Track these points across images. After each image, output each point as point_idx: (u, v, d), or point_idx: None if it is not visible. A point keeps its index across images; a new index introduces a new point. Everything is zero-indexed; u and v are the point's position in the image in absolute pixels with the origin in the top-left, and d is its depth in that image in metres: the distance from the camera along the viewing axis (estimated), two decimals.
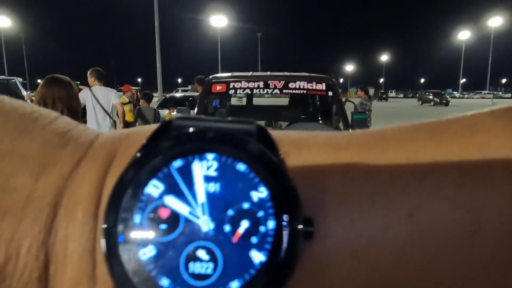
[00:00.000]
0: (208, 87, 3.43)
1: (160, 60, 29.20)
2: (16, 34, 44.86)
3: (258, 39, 61.96)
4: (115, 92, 4.66)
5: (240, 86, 3.38)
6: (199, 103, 3.38)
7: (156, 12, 26.75)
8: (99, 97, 4.52)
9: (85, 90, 4.75)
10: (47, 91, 1.76)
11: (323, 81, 3.43)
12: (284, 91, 3.37)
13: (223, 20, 49.88)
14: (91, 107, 4.53)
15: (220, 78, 3.48)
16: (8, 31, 42.54)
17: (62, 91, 1.78)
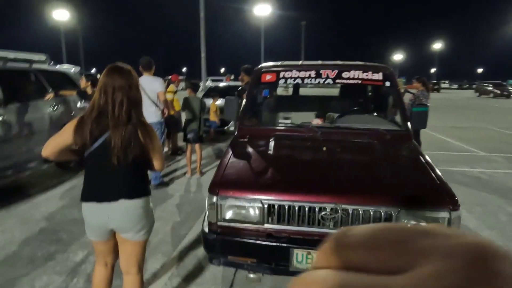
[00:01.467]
0: (257, 76, 3.34)
1: (204, 50, 29.58)
2: (74, 26, 47.49)
3: (303, 28, 60.54)
4: (160, 81, 4.75)
5: (291, 75, 3.25)
6: (248, 93, 3.31)
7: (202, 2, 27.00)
8: (145, 86, 4.64)
9: None
10: (107, 80, 1.77)
11: (380, 70, 3.20)
12: (337, 81, 3.19)
13: (267, 8, 49.25)
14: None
15: (269, 67, 3.37)
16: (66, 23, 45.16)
17: (122, 80, 1.77)
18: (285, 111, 3.46)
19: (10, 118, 4.44)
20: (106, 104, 1.75)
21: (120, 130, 1.73)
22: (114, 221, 1.83)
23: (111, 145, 1.73)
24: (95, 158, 1.79)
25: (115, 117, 1.74)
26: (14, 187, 4.76)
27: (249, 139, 2.94)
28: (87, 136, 1.74)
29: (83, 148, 1.78)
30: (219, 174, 2.33)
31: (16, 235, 3.44)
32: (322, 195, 2.05)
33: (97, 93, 1.80)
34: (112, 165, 1.76)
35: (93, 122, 1.75)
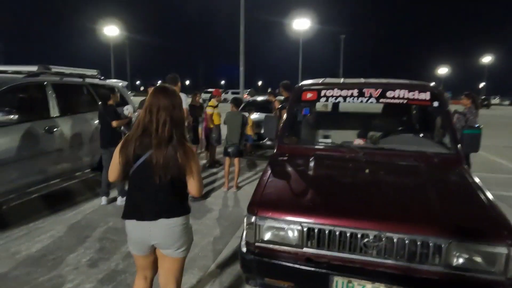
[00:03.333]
0: (298, 94, 3.32)
1: (243, 64, 30.08)
2: (122, 41, 50.43)
3: (341, 41, 59.88)
4: (184, 97, 4.84)
5: (332, 94, 3.21)
6: (288, 111, 3.30)
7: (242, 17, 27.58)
8: None
9: None
10: (153, 100, 1.85)
11: (428, 90, 3.06)
12: (381, 100, 3.10)
13: (306, 22, 49.43)
14: None
15: (310, 85, 3.35)
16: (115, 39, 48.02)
17: (166, 100, 1.84)
18: (325, 129, 3.41)
19: (64, 129, 4.76)
20: (151, 123, 1.82)
21: (162, 149, 1.78)
22: (155, 238, 1.87)
23: (152, 163, 1.78)
24: (137, 176, 1.85)
25: (158, 136, 1.79)
26: (62, 194, 5.05)
27: (289, 158, 2.91)
28: (131, 154, 1.81)
29: (127, 166, 1.84)
30: (258, 194, 2.32)
31: (63, 241, 3.63)
32: (365, 221, 1.97)
33: (143, 112, 1.88)
34: (152, 184, 1.81)
35: (137, 140, 1.82)
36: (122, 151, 1.84)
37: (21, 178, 4.14)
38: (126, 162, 1.83)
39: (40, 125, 4.43)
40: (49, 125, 4.53)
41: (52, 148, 4.56)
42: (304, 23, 49.32)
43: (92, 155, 5.33)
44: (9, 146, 3.97)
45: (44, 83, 4.69)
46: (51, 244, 3.55)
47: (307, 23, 49.34)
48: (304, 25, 49.41)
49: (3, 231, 3.83)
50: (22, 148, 4.10)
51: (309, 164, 2.69)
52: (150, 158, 1.79)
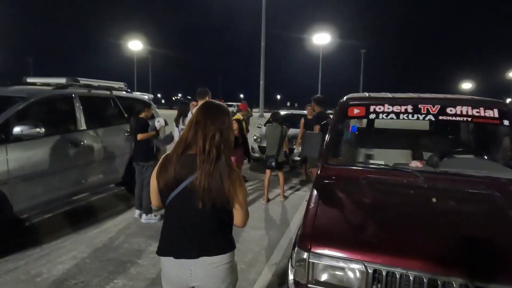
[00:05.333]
0: (344, 109, 3.02)
1: (263, 78, 30.06)
2: (145, 55, 51.81)
3: (362, 56, 59.40)
4: None
5: (383, 110, 2.89)
6: (333, 128, 2.99)
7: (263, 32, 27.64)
8: None
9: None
10: (202, 115, 1.60)
11: (495, 107, 2.71)
12: (440, 117, 2.76)
13: (326, 37, 49.29)
14: None
15: (357, 100, 3.05)
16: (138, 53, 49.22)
17: (216, 117, 1.59)
18: (372, 147, 3.08)
19: (91, 142, 4.62)
20: (196, 139, 1.55)
21: (208, 169, 1.51)
22: (196, 280, 1.58)
23: (195, 187, 1.51)
24: (176, 204, 1.57)
25: (205, 154, 1.52)
26: (85, 210, 4.87)
27: (336, 181, 2.59)
28: (170, 177, 1.54)
29: (166, 192, 1.57)
30: (309, 225, 2.01)
31: (86, 263, 3.40)
32: (450, 267, 1.62)
33: (188, 127, 1.62)
34: (193, 214, 1.53)
35: (178, 161, 1.55)
36: (161, 175, 1.57)
37: (45, 193, 3.98)
38: (165, 188, 1.57)
39: (67, 138, 4.30)
40: (76, 138, 4.40)
41: (78, 162, 4.41)
42: (324, 38, 49.17)
43: (117, 169, 5.16)
44: (34, 160, 3.83)
45: (72, 96, 4.59)
46: (73, 267, 3.32)
47: (327, 38, 49.17)
48: (324, 39, 49.25)
49: (25, 250, 3.64)
50: (47, 162, 3.95)
51: (362, 190, 2.37)
52: (193, 183, 1.52)
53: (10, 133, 3.61)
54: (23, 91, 4.25)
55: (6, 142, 3.58)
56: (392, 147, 3.28)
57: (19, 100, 3.91)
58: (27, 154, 3.77)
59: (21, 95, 4.02)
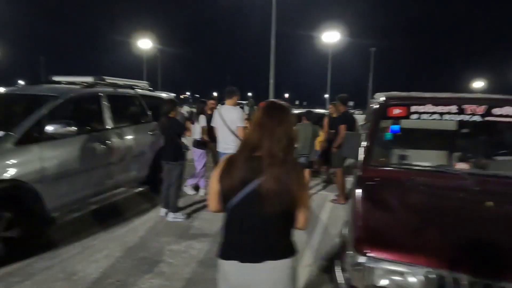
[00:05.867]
0: (383, 110, 2.97)
1: (273, 76, 29.96)
2: (154, 54, 52.03)
3: (372, 54, 58.76)
4: (239, 112, 4.55)
5: (425, 110, 2.83)
6: (372, 130, 2.94)
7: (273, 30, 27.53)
8: (224, 114, 4.53)
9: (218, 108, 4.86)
10: (267, 116, 1.56)
11: None
12: (486, 118, 2.68)
13: (336, 35, 48.93)
14: (220, 125, 4.55)
15: (398, 99, 2.99)
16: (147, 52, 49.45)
17: (280, 117, 1.55)
18: (408, 148, 3.01)
19: (117, 141, 4.63)
20: (262, 140, 1.51)
21: (276, 171, 1.47)
22: (259, 284, 1.55)
23: (263, 190, 1.47)
24: (240, 207, 1.53)
25: (272, 155, 1.49)
26: (111, 209, 4.88)
27: (382, 183, 2.54)
28: (236, 180, 1.50)
29: (229, 195, 1.54)
30: (363, 228, 1.97)
31: (119, 262, 3.40)
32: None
33: (252, 129, 1.58)
34: (259, 217, 1.50)
35: (243, 163, 1.52)
36: (225, 178, 1.54)
37: (75, 192, 4.00)
38: (229, 191, 1.53)
39: (96, 137, 4.31)
40: (103, 137, 4.41)
41: (106, 161, 4.42)
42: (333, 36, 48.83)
43: (142, 168, 5.17)
44: (66, 159, 3.85)
45: (99, 94, 4.60)
46: (108, 266, 3.32)
47: (337, 36, 48.81)
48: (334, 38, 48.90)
49: (57, 248, 3.66)
50: (78, 161, 3.96)
51: (412, 192, 2.32)
52: (260, 186, 1.48)
53: (43, 132, 3.63)
54: (54, 89, 4.27)
55: (39, 140, 3.61)
56: (430, 148, 3.21)
57: (51, 99, 3.93)
58: (59, 153, 3.79)
59: (52, 94, 4.04)
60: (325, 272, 3.27)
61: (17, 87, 5.00)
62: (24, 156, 3.45)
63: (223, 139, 4.57)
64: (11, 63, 62.63)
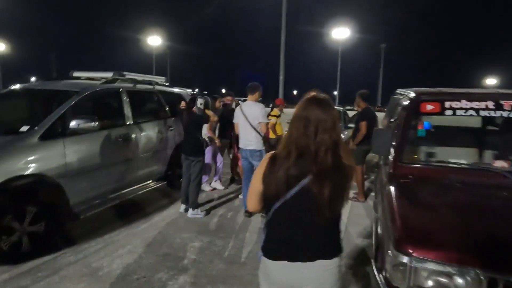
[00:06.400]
0: (415, 105, 2.89)
1: (283, 73, 29.87)
2: (163, 50, 52.09)
3: (382, 51, 58.04)
4: (261, 108, 4.47)
5: (460, 106, 2.74)
6: (404, 127, 2.85)
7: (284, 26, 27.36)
8: (246, 111, 4.46)
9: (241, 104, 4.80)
10: (308, 113, 1.46)
11: None
12: None
13: (345, 32, 48.36)
14: (242, 121, 4.49)
15: (431, 95, 2.90)
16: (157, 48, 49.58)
17: (324, 114, 1.45)
18: (442, 145, 2.92)
19: (137, 137, 4.62)
20: (308, 138, 1.43)
21: (327, 177, 1.40)
22: (309, 283, 1.50)
23: (310, 193, 1.41)
24: (288, 208, 1.46)
25: (319, 161, 1.41)
26: (131, 205, 4.88)
27: (416, 181, 2.47)
28: (282, 180, 1.43)
29: (276, 197, 1.47)
30: (404, 227, 1.90)
31: (143, 258, 3.40)
32: None
33: (292, 128, 1.49)
34: (310, 219, 1.45)
35: (290, 161, 1.43)
36: (271, 177, 1.46)
37: (98, 187, 4.00)
38: (275, 190, 1.45)
39: (117, 132, 4.30)
40: (124, 132, 4.40)
41: (127, 156, 4.42)
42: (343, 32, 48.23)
43: (161, 164, 5.17)
44: (88, 154, 3.85)
45: (120, 90, 4.59)
46: (132, 261, 3.31)
47: (347, 32, 48.21)
48: (343, 34, 48.31)
49: (80, 243, 3.67)
50: (100, 156, 3.96)
51: (451, 191, 2.24)
52: (309, 187, 1.42)
53: (66, 127, 3.63)
54: (75, 85, 4.27)
55: (63, 135, 3.61)
56: (459, 145, 3.12)
57: (73, 94, 3.93)
58: (82, 148, 3.79)
59: (74, 89, 4.03)
60: (350, 270, 3.22)
61: (38, 83, 5.02)
62: (48, 151, 3.46)
63: (245, 136, 4.52)
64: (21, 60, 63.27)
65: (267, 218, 1.57)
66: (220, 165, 5.97)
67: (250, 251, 3.61)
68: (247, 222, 4.43)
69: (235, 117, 4.71)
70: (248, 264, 3.33)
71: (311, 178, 1.42)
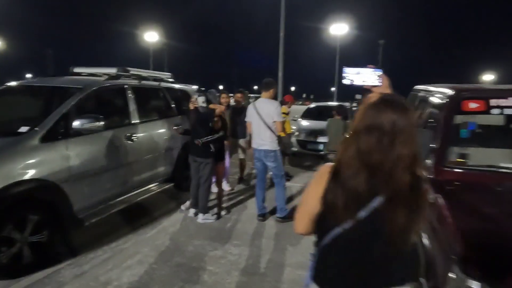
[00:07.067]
0: (456, 104, 2.63)
1: (282, 69, 29.65)
2: (161, 46, 51.68)
3: (380, 47, 57.92)
4: (276, 105, 4.18)
5: (508, 104, 2.49)
6: (445, 127, 2.59)
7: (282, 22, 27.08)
8: (260, 109, 4.19)
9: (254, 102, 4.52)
10: (381, 118, 1.15)
11: None
12: None
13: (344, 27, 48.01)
14: (255, 120, 4.23)
15: (474, 91, 2.65)
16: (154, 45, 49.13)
17: (402, 119, 1.15)
18: (490, 147, 2.68)
19: (143, 136, 4.34)
20: (379, 158, 1.14)
21: (403, 200, 1.12)
22: None
23: (380, 219, 1.14)
24: (352, 235, 1.19)
25: (395, 179, 1.12)
26: (136, 208, 4.61)
27: (463, 188, 2.22)
28: (348, 204, 1.15)
29: (337, 220, 1.19)
30: (468, 245, 1.65)
31: (155, 269, 3.13)
32: None
33: (359, 140, 1.17)
34: (379, 248, 1.19)
35: (355, 177, 1.15)
36: (332, 196, 1.18)
37: (102, 191, 3.73)
38: (338, 214, 1.17)
39: (122, 132, 4.03)
40: (130, 132, 4.12)
41: (133, 158, 4.14)
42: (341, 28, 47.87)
43: (168, 164, 4.90)
44: (93, 156, 3.57)
45: (125, 87, 4.30)
46: (143, 273, 3.06)
47: (345, 28, 47.85)
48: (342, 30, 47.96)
49: (86, 252, 3.40)
50: (105, 158, 3.69)
51: (509, 201, 1.99)
52: (379, 210, 1.14)
53: (69, 127, 3.35)
54: (78, 81, 3.98)
55: (66, 136, 3.33)
56: (499, 146, 2.87)
57: (76, 91, 3.64)
58: (86, 150, 3.51)
59: (77, 86, 3.74)
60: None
61: (37, 79, 4.71)
62: (50, 153, 3.17)
63: (258, 135, 4.25)
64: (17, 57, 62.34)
65: (323, 243, 1.30)
66: (227, 165, 5.71)
67: (269, 260, 3.36)
68: (261, 227, 4.18)
69: (248, 115, 4.44)
70: (269, 275, 3.08)
71: (382, 200, 1.15)
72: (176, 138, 5.00)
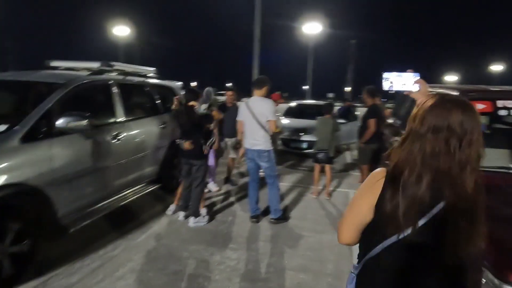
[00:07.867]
0: None
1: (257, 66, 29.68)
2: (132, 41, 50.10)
3: (352, 46, 59.27)
4: (270, 104, 4.10)
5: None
6: None
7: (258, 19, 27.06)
8: (253, 108, 4.09)
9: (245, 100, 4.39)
10: (445, 118, 1.07)
11: None
12: None
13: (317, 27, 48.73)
14: (248, 119, 4.12)
15: (480, 92, 2.66)
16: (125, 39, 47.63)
17: (466, 119, 1.06)
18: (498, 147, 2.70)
19: (130, 136, 4.09)
20: (447, 161, 1.06)
21: (467, 206, 1.06)
22: None
23: (441, 227, 1.06)
24: (408, 246, 1.09)
25: (460, 183, 1.05)
26: (122, 212, 4.34)
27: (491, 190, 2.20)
28: (410, 213, 1.06)
29: (393, 230, 1.09)
30: (500, 249, 1.62)
31: (150, 277, 2.94)
32: None
33: (423, 143, 1.09)
34: (437, 259, 1.11)
35: (421, 191, 1.06)
36: (390, 204, 1.08)
37: (88, 194, 3.47)
38: (396, 223, 1.07)
39: (109, 131, 3.76)
40: (116, 131, 3.86)
41: (120, 158, 3.89)
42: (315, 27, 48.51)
43: (155, 165, 4.66)
44: (78, 157, 3.30)
45: (110, 83, 4.03)
46: (138, 283, 2.85)
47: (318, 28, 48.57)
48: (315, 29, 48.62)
49: (73, 261, 3.15)
50: (91, 159, 3.43)
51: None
52: (440, 217, 1.06)
53: (53, 126, 3.06)
54: (59, 76, 3.68)
55: (48, 136, 3.04)
56: (501, 146, 2.91)
57: (58, 87, 3.34)
58: (71, 150, 3.24)
59: (58, 81, 3.44)
60: None
61: (11, 73, 4.32)
62: (31, 155, 2.88)
63: (251, 134, 4.13)
64: None
65: (372, 253, 1.21)
66: (213, 164, 5.53)
67: (269, 264, 3.25)
68: (256, 229, 4.07)
69: (240, 114, 4.31)
70: (272, 280, 2.98)
71: (444, 206, 1.07)
72: (163, 137, 4.77)
